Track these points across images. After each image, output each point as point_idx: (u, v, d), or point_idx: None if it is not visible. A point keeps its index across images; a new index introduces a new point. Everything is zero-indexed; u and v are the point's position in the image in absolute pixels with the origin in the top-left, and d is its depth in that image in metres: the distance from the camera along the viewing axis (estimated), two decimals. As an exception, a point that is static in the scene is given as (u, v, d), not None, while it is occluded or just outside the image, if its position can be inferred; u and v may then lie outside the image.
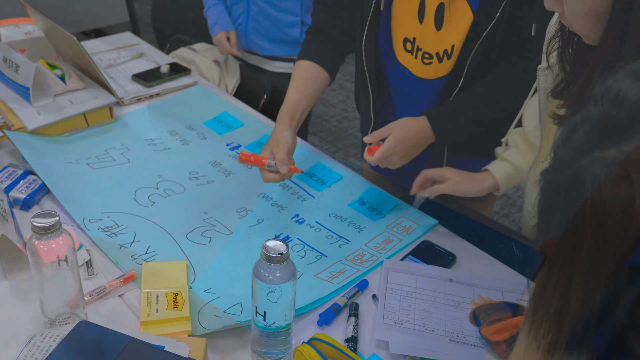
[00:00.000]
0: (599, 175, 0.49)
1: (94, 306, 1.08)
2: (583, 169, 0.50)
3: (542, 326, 0.56)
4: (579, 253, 0.51)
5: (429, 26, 1.22)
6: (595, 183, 0.49)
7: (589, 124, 0.53)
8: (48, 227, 0.92)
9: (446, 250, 1.26)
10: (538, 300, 0.56)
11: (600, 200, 0.48)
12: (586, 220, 0.49)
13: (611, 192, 0.48)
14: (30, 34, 1.75)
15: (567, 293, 0.53)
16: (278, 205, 1.36)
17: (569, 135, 0.55)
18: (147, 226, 1.26)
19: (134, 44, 2.04)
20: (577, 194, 0.50)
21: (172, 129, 1.61)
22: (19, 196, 1.28)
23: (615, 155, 0.49)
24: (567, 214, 0.51)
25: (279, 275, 0.91)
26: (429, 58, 1.26)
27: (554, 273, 0.54)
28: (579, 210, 0.50)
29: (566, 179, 0.52)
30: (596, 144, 0.52)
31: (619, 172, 0.48)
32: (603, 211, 0.48)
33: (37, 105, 1.52)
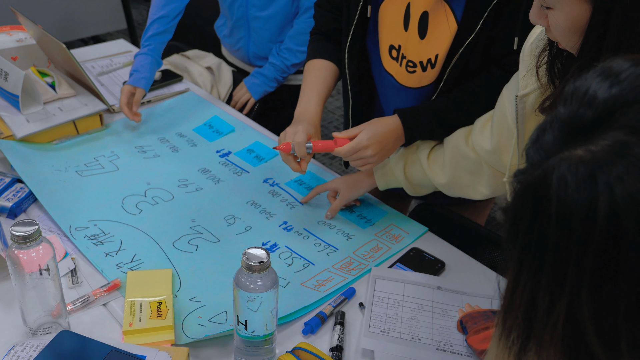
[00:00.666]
0: (565, 176, 0.48)
1: (77, 315, 1.07)
2: (550, 169, 0.49)
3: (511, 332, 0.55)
4: (545, 257, 0.50)
5: (413, 34, 1.21)
6: (562, 184, 0.48)
7: (557, 123, 0.52)
8: (27, 236, 0.91)
9: (435, 257, 1.25)
10: (507, 306, 0.55)
11: (565, 202, 0.48)
12: (551, 222, 0.49)
13: (576, 193, 0.47)
14: (22, 41, 1.75)
15: (534, 298, 0.52)
16: (267, 213, 1.35)
17: (539, 136, 0.54)
18: (134, 234, 1.26)
19: (127, 51, 2.04)
20: (544, 194, 0.49)
21: (162, 136, 1.60)
22: (6, 204, 1.27)
23: (582, 155, 0.48)
24: (534, 215, 0.50)
25: (260, 284, 0.90)
26: (413, 67, 1.25)
27: (522, 279, 0.53)
28: (545, 211, 0.49)
29: (534, 179, 0.51)
30: (564, 144, 0.51)
31: (585, 172, 0.47)
32: (568, 213, 0.48)
33: (27, 112, 1.52)
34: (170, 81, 1.83)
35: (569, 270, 0.48)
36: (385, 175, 1.33)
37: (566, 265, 0.49)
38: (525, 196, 0.52)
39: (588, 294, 0.48)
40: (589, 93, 0.51)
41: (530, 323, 0.52)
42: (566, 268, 0.49)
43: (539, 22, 0.85)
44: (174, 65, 1.99)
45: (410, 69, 1.25)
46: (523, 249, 0.52)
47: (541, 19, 0.84)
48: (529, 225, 0.51)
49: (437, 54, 1.21)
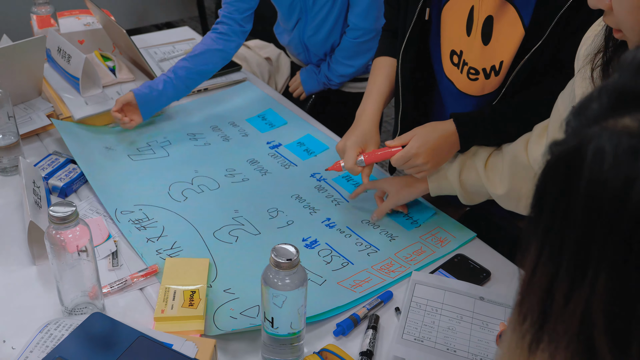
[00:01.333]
0: (603, 147, 0.42)
1: (114, 298, 1.09)
2: (587, 139, 0.43)
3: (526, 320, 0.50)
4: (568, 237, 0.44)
5: (476, 40, 1.15)
6: (598, 156, 0.42)
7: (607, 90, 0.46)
8: (64, 218, 0.92)
9: (480, 265, 1.19)
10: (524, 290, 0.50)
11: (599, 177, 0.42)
12: (580, 199, 0.43)
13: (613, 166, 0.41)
14: (89, 25, 1.80)
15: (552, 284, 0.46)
16: (310, 208, 1.33)
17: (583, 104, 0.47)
18: (177, 221, 1.26)
19: (190, 38, 2.06)
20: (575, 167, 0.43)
21: (215, 125, 1.61)
22: (57, 184, 1.31)
23: (629, 124, 0.42)
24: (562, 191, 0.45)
25: (288, 281, 0.88)
26: (475, 74, 1.18)
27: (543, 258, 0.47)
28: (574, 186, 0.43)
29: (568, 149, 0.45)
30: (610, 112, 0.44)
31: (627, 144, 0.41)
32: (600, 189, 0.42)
33: (86, 95, 1.56)
34: (228, 70, 1.83)
35: (592, 256, 0.43)
36: (439, 179, 1.26)
37: (589, 250, 0.43)
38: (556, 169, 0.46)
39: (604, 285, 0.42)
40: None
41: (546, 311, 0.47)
42: (589, 253, 0.43)
43: (600, 5, 0.77)
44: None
45: (472, 76, 1.19)
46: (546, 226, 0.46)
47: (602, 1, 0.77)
48: (555, 201, 0.45)
49: (502, 61, 1.14)
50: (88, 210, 1.28)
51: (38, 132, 1.51)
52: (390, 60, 1.33)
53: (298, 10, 1.72)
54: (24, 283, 1.10)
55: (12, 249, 1.17)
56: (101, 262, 1.15)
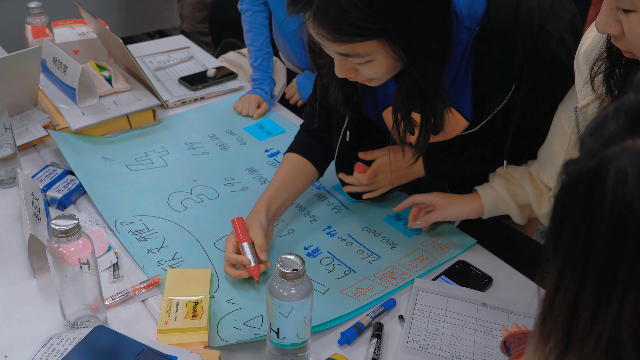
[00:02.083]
0: (625, 167, 0.42)
1: (116, 310, 1.08)
2: (608, 159, 0.43)
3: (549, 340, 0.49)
4: (593, 258, 0.45)
5: None
6: (621, 176, 0.42)
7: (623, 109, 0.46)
8: (67, 231, 0.92)
9: (482, 272, 1.19)
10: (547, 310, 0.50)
11: (623, 197, 0.42)
12: (604, 219, 0.43)
13: (637, 187, 0.42)
14: (83, 35, 1.79)
15: (577, 304, 0.46)
16: (311, 216, 1.33)
17: (599, 123, 0.48)
18: (177, 231, 1.26)
19: (185, 47, 2.06)
20: (597, 187, 0.44)
21: (213, 134, 1.61)
22: (56, 195, 1.30)
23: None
24: (585, 211, 0.45)
25: (294, 292, 0.88)
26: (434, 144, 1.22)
27: (565, 280, 0.47)
28: (597, 206, 0.44)
29: (587, 169, 0.45)
30: (628, 132, 0.45)
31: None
32: (625, 209, 0.42)
33: (83, 105, 1.55)
34: (225, 78, 1.83)
35: (619, 275, 0.43)
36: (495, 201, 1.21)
37: (616, 270, 0.43)
38: (576, 188, 0.46)
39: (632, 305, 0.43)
40: None
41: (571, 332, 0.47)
42: (616, 273, 0.43)
43: (610, 30, 0.77)
44: (230, 62, 2.00)
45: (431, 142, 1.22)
46: (568, 247, 0.47)
47: (612, 25, 0.76)
48: (577, 222, 0.46)
49: (456, 138, 1.19)
50: (87, 222, 1.27)
51: (35, 144, 1.50)
52: (295, 157, 1.30)
53: None
54: (24, 297, 1.09)
55: (12, 262, 1.16)
56: (102, 274, 1.14)
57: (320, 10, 0.90)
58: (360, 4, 0.88)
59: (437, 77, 1.00)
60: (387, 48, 0.94)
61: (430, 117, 1.07)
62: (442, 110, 1.06)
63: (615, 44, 0.80)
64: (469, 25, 1.03)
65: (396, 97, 1.05)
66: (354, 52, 0.95)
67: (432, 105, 1.05)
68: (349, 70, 1.01)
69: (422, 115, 1.07)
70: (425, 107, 1.06)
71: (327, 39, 0.93)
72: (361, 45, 0.93)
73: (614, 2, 0.74)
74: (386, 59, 0.96)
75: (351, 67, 1.00)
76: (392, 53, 0.95)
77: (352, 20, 0.89)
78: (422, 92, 1.03)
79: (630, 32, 0.75)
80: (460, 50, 1.06)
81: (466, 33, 1.04)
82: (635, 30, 0.74)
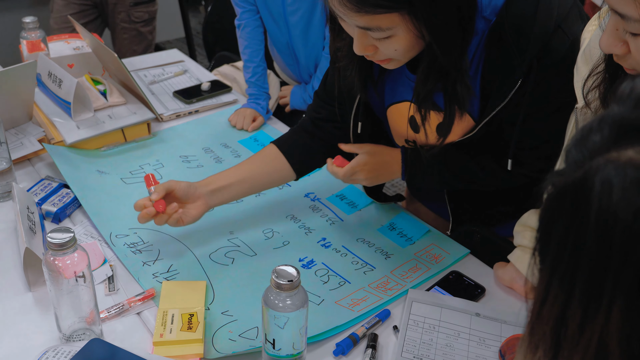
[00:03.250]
0: (610, 179, 0.43)
1: (111, 323, 1.08)
2: (593, 170, 0.44)
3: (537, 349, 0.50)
4: (580, 267, 0.45)
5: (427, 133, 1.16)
6: (606, 187, 0.43)
7: (608, 121, 0.47)
8: (63, 244, 0.92)
9: (475, 282, 1.20)
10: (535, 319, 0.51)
11: (608, 208, 0.43)
12: (590, 230, 0.44)
13: (622, 199, 0.42)
14: (78, 49, 1.80)
15: (565, 313, 0.47)
16: (306, 228, 1.34)
17: (584, 135, 0.48)
18: (172, 244, 1.26)
19: (179, 60, 2.07)
20: (583, 198, 0.44)
21: (207, 147, 1.62)
22: (51, 209, 1.30)
23: (633, 157, 0.43)
24: (571, 222, 0.46)
25: (289, 303, 0.89)
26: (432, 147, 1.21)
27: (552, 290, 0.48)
28: (583, 217, 0.44)
29: (573, 180, 0.46)
30: (612, 144, 0.46)
31: (634, 176, 0.42)
32: (611, 221, 0.43)
33: (78, 119, 1.56)
34: (219, 92, 1.84)
35: (606, 285, 0.44)
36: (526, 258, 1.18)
37: (603, 280, 0.44)
38: (562, 199, 0.47)
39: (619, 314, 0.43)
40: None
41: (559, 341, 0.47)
42: (603, 283, 0.44)
43: (615, 50, 0.76)
44: (224, 75, 2.01)
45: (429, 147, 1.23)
46: (555, 257, 0.47)
47: (618, 46, 0.76)
48: (563, 232, 0.47)
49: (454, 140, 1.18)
50: (83, 235, 1.27)
51: (30, 157, 1.51)
52: (272, 150, 1.29)
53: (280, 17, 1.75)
54: (20, 310, 1.09)
55: (7, 276, 1.16)
56: (97, 287, 1.14)
57: None
58: None
59: (458, 57, 1.00)
60: (408, 23, 0.94)
61: (453, 100, 1.06)
62: (465, 97, 1.05)
63: (619, 62, 0.79)
64: (487, 15, 1.03)
65: (417, 78, 1.05)
66: (374, 25, 0.94)
67: (454, 87, 1.04)
68: (368, 48, 1.00)
69: (445, 98, 1.07)
70: (446, 89, 1.05)
71: (349, 8, 0.92)
72: (383, 18, 0.93)
73: (620, 25, 0.73)
74: (407, 35, 0.96)
75: (370, 44, 0.99)
76: (413, 28, 0.94)
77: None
78: (442, 72, 1.02)
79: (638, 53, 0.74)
80: (476, 40, 1.05)
81: (483, 23, 1.04)
82: None
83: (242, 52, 1.80)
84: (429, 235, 1.33)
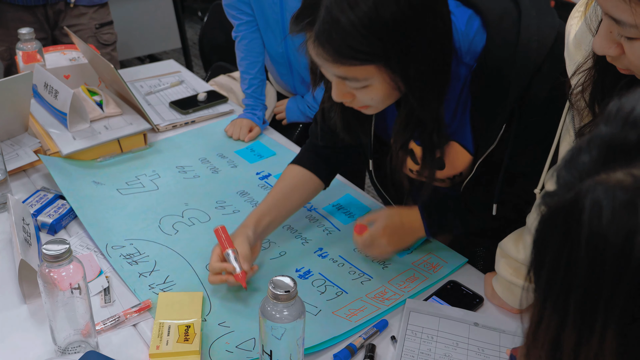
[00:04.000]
0: (600, 201, 0.43)
1: (107, 335, 1.07)
2: (584, 193, 0.44)
3: None
4: (573, 290, 0.45)
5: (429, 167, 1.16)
6: (596, 209, 0.43)
7: (596, 142, 0.47)
8: (58, 256, 0.92)
9: (473, 291, 1.20)
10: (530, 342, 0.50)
11: (599, 230, 0.43)
12: (582, 253, 0.44)
13: (612, 221, 0.42)
14: (74, 60, 1.80)
15: (560, 336, 0.47)
16: (302, 238, 1.34)
17: (573, 156, 0.48)
18: (169, 255, 1.26)
19: (175, 71, 2.07)
20: (574, 220, 0.44)
21: (204, 157, 1.61)
22: (46, 220, 1.30)
23: (622, 179, 0.43)
24: (563, 244, 0.46)
25: (286, 313, 0.88)
26: (442, 181, 1.22)
27: (547, 313, 0.48)
28: (574, 239, 0.44)
29: (564, 203, 0.46)
30: (601, 165, 0.46)
31: (624, 198, 0.42)
32: (601, 244, 0.43)
33: (74, 130, 1.55)
34: (215, 102, 1.84)
35: (599, 309, 0.44)
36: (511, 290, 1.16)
37: (596, 304, 0.44)
38: (554, 221, 0.47)
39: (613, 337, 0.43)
40: (634, 113, 0.46)
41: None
42: (596, 306, 0.44)
43: (609, 52, 0.75)
44: (220, 85, 2.01)
45: (439, 183, 1.23)
46: (549, 279, 0.47)
47: (612, 48, 0.75)
48: (556, 254, 0.46)
49: (462, 172, 1.17)
50: (78, 246, 1.27)
51: (25, 168, 1.50)
52: (297, 170, 1.31)
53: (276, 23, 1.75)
54: (15, 323, 1.09)
55: (2, 288, 1.16)
56: (93, 298, 1.14)
57: (322, 31, 0.91)
58: (363, 29, 0.89)
59: (434, 109, 1.01)
60: (384, 74, 0.95)
61: (430, 150, 1.07)
62: (441, 144, 1.06)
63: (612, 63, 0.78)
64: (467, 61, 1.03)
65: (395, 125, 1.06)
66: (351, 76, 0.96)
67: (430, 138, 1.05)
68: (346, 95, 1.02)
69: (422, 148, 1.08)
70: (423, 139, 1.06)
71: (326, 59, 0.94)
72: (359, 69, 0.94)
73: (615, 28, 0.73)
74: (382, 86, 0.97)
75: (348, 92, 1.01)
76: (389, 80, 0.96)
77: (352, 43, 0.90)
78: (420, 123, 1.03)
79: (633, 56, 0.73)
80: (459, 85, 1.06)
81: (465, 69, 1.04)
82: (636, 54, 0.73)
83: (239, 63, 1.80)
84: (426, 244, 1.32)
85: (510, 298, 1.15)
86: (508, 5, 1.02)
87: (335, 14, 0.90)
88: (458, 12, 1.03)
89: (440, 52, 0.97)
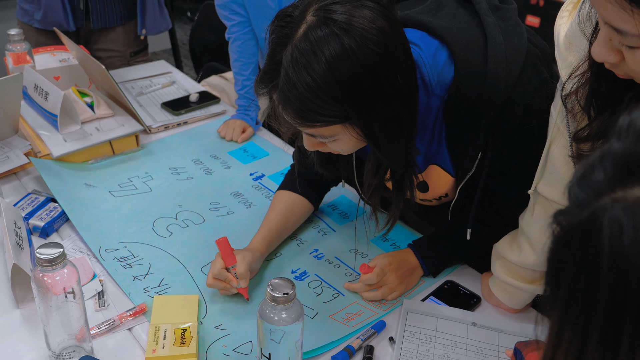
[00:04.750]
0: (619, 219, 0.42)
1: (102, 339, 1.06)
2: (601, 211, 0.43)
3: None
4: (594, 314, 0.44)
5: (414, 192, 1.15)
6: (615, 228, 0.42)
7: (610, 159, 0.46)
8: (52, 260, 0.90)
9: (471, 291, 1.19)
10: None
11: (620, 250, 0.42)
12: (603, 274, 0.43)
13: (634, 240, 0.41)
14: (64, 61, 1.78)
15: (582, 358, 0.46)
16: (298, 239, 1.33)
17: (586, 173, 0.47)
18: (163, 257, 1.24)
19: (166, 72, 2.06)
20: (593, 240, 0.43)
21: (197, 158, 1.60)
22: (38, 224, 1.28)
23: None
24: (581, 264, 0.44)
25: (285, 316, 0.87)
26: (428, 201, 1.22)
27: (566, 335, 0.47)
28: (594, 260, 0.43)
29: (580, 222, 0.45)
30: (617, 182, 0.45)
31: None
32: (624, 265, 0.42)
33: (64, 132, 1.53)
34: (207, 103, 1.83)
35: (625, 330, 0.42)
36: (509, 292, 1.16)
37: (622, 325, 0.42)
38: (569, 241, 0.46)
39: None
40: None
41: None
42: (621, 328, 0.42)
43: (609, 59, 0.74)
44: (212, 86, 2.00)
45: (424, 202, 1.23)
46: (567, 301, 0.46)
47: (612, 55, 0.73)
48: (574, 275, 0.45)
49: (447, 193, 1.17)
50: (71, 250, 1.25)
51: (16, 171, 1.48)
52: (289, 195, 1.31)
53: None
54: (7, 328, 1.07)
55: (-6, 293, 1.14)
56: (87, 302, 1.12)
57: (283, 97, 0.91)
58: (321, 94, 0.88)
59: (402, 157, 1.01)
60: (350, 130, 0.95)
61: (401, 191, 1.09)
62: (412, 185, 1.08)
63: (611, 69, 0.76)
64: (438, 92, 1.03)
65: (365, 172, 1.08)
66: (318, 134, 0.96)
67: (401, 181, 1.07)
68: (317, 145, 1.02)
69: (393, 189, 1.09)
70: (395, 181, 1.08)
71: (292, 120, 0.94)
72: (325, 129, 0.95)
73: (615, 37, 0.71)
74: (351, 139, 0.97)
75: (318, 142, 1.01)
76: (356, 134, 0.96)
77: (312, 107, 0.90)
78: (389, 168, 1.05)
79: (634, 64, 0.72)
80: (432, 116, 1.06)
81: (437, 99, 1.04)
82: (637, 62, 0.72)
83: (232, 65, 1.78)
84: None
85: (507, 298, 1.14)
86: (474, 32, 1.01)
87: (292, 78, 0.89)
88: (423, 43, 1.02)
89: (403, 105, 0.95)
